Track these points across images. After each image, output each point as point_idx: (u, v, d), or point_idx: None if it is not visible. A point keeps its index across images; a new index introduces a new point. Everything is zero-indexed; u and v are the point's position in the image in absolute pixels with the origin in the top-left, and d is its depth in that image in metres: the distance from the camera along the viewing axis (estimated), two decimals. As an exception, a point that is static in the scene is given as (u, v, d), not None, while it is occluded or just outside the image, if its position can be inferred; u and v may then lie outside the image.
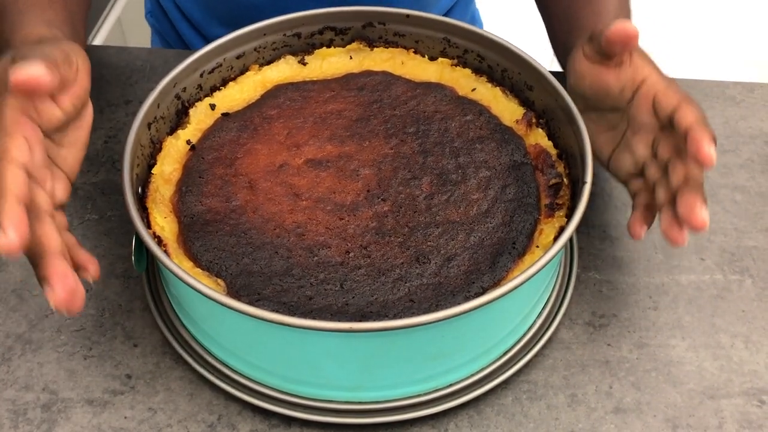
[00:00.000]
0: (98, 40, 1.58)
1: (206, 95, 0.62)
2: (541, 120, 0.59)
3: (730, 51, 2.03)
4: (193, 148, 0.58)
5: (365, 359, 0.48)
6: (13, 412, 0.51)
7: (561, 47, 0.64)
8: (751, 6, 2.08)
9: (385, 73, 0.63)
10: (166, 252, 0.49)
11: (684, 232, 0.49)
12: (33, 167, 0.42)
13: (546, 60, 0.64)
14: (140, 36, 1.74)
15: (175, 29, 0.87)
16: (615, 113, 0.55)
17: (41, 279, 0.41)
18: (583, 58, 0.54)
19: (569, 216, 0.52)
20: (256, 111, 0.60)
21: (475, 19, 0.95)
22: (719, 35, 2.05)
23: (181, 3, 0.84)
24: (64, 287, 0.41)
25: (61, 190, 0.46)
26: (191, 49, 0.84)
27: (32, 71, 0.41)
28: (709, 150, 0.46)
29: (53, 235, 0.42)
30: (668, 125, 0.51)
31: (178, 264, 0.47)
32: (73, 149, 0.48)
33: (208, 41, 0.62)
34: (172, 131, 0.59)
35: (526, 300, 0.52)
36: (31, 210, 0.41)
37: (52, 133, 0.46)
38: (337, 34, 0.65)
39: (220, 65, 0.61)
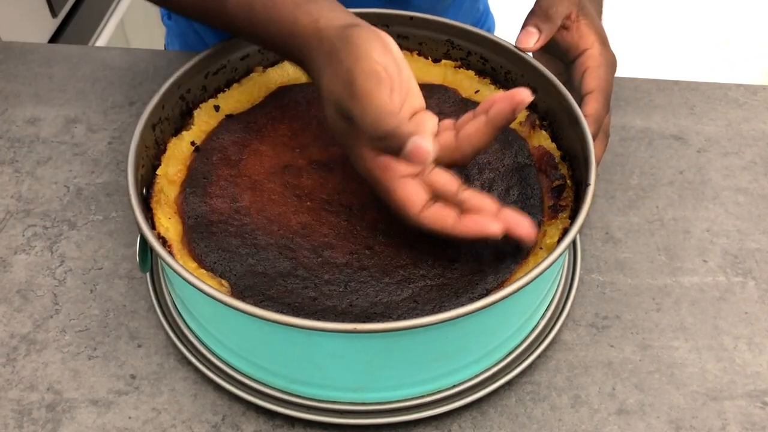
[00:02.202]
0: (101, 42, 1.58)
1: (210, 96, 0.62)
2: (544, 122, 0.60)
3: (733, 53, 2.03)
4: (197, 149, 0.58)
5: (369, 360, 0.48)
6: (18, 413, 0.52)
7: None
8: (754, 8, 2.08)
9: (388, 75, 0.63)
10: (170, 253, 0.50)
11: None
12: None
13: (549, 62, 0.64)
14: (143, 38, 1.75)
15: (195, 29, 0.87)
16: (561, 63, 0.62)
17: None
18: None
19: (572, 218, 0.52)
20: (260, 112, 0.60)
21: (487, 14, 0.94)
22: (722, 38, 2.05)
23: None
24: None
25: None
26: (207, 43, 0.84)
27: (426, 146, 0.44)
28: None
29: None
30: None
31: (182, 265, 0.47)
32: None
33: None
34: (176, 132, 0.59)
35: (529, 301, 0.52)
36: None
37: None
38: (341, 36, 0.65)
39: (225, 67, 0.62)
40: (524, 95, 0.48)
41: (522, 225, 0.47)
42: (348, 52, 0.47)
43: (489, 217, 0.47)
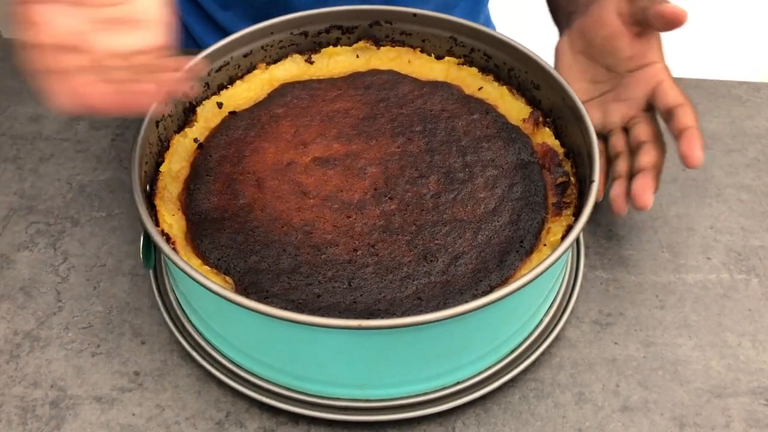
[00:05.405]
0: (103, 39, 1.58)
1: (213, 93, 0.62)
2: (547, 119, 0.59)
3: (736, 50, 2.02)
4: (200, 146, 0.58)
5: (373, 357, 0.48)
6: (22, 409, 0.52)
7: None
8: (757, 5, 2.07)
9: (391, 72, 0.63)
10: (174, 249, 0.50)
11: (626, 203, 0.56)
12: None
13: (552, 59, 0.64)
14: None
15: (185, 27, 0.87)
16: (606, 72, 0.59)
17: None
18: (613, 12, 0.58)
19: (576, 215, 0.52)
20: (263, 109, 0.60)
21: (487, 20, 0.94)
22: (725, 34, 2.05)
23: None
24: None
25: None
26: (201, 46, 0.84)
27: None
28: (699, 154, 0.54)
29: None
30: (664, 115, 0.56)
31: (186, 261, 0.47)
32: None
33: (218, 32, 0.61)
34: (179, 129, 0.59)
35: (533, 298, 0.52)
36: None
37: None
38: (344, 33, 0.65)
39: (228, 63, 0.62)
40: None
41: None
42: None
43: None
